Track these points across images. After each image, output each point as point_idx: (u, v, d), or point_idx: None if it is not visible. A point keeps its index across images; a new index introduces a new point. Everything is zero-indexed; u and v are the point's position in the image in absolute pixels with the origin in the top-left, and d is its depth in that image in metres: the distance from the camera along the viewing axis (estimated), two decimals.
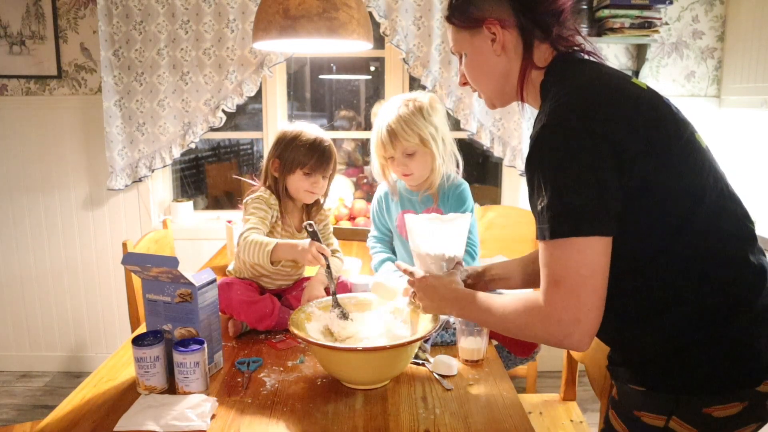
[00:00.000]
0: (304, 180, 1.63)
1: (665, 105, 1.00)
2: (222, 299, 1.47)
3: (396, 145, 1.73)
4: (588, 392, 2.67)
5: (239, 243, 1.53)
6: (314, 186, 1.65)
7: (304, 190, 1.65)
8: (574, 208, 0.90)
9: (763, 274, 0.97)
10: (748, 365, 0.94)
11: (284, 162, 1.63)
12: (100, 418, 1.14)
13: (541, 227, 0.94)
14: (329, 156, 1.65)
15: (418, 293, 1.28)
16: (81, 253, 2.97)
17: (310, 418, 1.15)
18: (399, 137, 1.72)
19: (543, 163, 0.94)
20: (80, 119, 2.83)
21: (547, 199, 0.92)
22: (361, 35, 1.67)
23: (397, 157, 1.75)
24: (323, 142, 1.64)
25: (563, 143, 0.92)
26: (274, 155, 1.65)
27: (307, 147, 1.62)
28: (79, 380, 2.93)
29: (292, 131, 1.66)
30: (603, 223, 0.91)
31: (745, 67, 2.63)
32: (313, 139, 1.63)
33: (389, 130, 1.72)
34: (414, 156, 1.75)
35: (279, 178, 1.66)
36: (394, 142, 1.73)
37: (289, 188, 1.66)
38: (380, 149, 1.78)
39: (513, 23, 1.06)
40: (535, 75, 1.08)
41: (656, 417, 0.97)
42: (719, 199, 0.97)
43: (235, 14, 2.59)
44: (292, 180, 1.64)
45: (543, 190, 0.93)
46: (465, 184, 1.86)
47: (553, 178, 0.92)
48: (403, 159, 1.75)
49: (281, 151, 1.64)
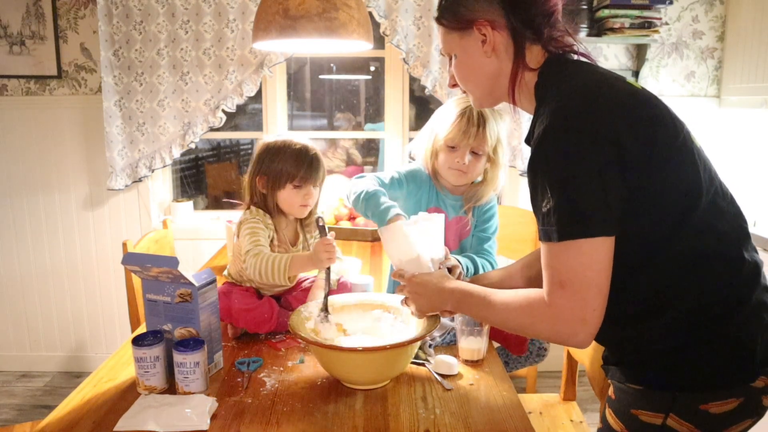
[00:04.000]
0: (295, 194, 1.55)
1: (662, 105, 1.00)
2: (222, 308, 1.45)
3: (477, 136, 1.60)
4: (588, 392, 2.67)
5: (247, 262, 1.47)
6: (306, 198, 1.57)
7: (298, 206, 1.57)
8: (582, 209, 0.90)
9: (757, 270, 0.99)
10: (744, 361, 0.95)
11: (271, 177, 1.55)
12: (100, 418, 1.14)
13: (546, 229, 0.94)
14: (318, 164, 1.57)
15: (410, 296, 1.26)
16: (81, 253, 2.97)
17: (310, 418, 1.15)
18: (486, 129, 1.60)
19: (548, 165, 0.94)
20: (80, 119, 2.83)
21: (553, 201, 0.92)
22: (361, 35, 1.67)
23: (464, 150, 1.62)
24: (310, 150, 1.56)
25: (567, 145, 0.92)
26: (259, 171, 1.56)
27: (294, 158, 1.54)
28: (79, 380, 2.93)
29: (274, 143, 1.57)
30: (608, 224, 0.91)
31: (745, 67, 2.63)
32: (298, 148, 1.55)
33: (480, 116, 1.60)
34: (479, 158, 1.64)
35: (268, 195, 1.57)
36: (478, 132, 1.60)
37: (281, 205, 1.58)
38: (454, 133, 1.61)
39: (504, 24, 1.06)
40: (528, 77, 1.07)
41: (654, 415, 0.97)
42: (714, 198, 0.98)
43: (235, 14, 2.59)
44: (282, 195, 1.56)
45: (548, 192, 0.93)
46: (495, 204, 1.77)
47: (559, 180, 0.92)
48: (468, 155, 1.63)
49: (266, 165, 1.55)
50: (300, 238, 1.66)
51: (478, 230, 1.75)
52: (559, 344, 1.00)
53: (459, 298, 1.16)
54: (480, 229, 1.75)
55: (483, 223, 1.75)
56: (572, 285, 0.92)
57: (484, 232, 1.75)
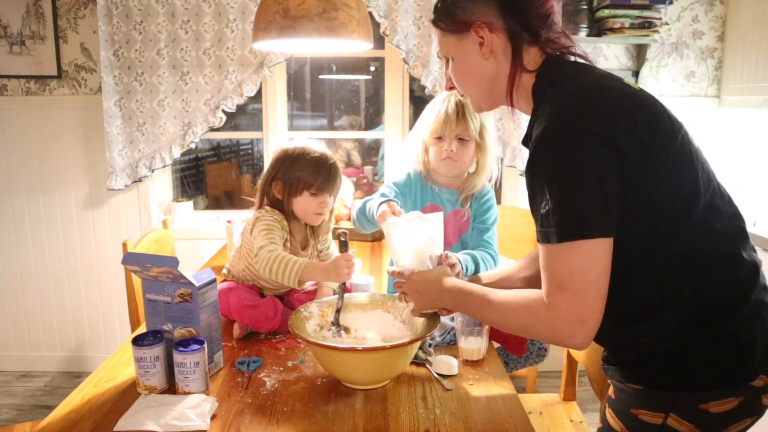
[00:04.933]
0: (311, 202, 1.55)
1: (660, 105, 1.00)
2: (223, 304, 1.45)
3: (459, 122, 1.65)
4: (588, 392, 2.67)
5: (260, 256, 1.45)
6: (322, 206, 1.57)
7: (313, 213, 1.57)
8: (581, 211, 0.90)
9: (756, 270, 0.99)
10: (744, 360, 0.95)
11: (288, 184, 1.55)
12: (100, 418, 1.14)
13: (544, 231, 0.94)
14: (336, 174, 1.58)
15: (409, 293, 1.25)
16: (81, 253, 2.97)
17: (310, 418, 1.15)
18: (467, 114, 1.65)
19: (546, 167, 0.93)
20: (80, 119, 2.83)
21: (552, 203, 0.92)
22: (361, 35, 1.67)
23: (450, 137, 1.67)
24: (329, 160, 1.57)
25: (566, 146, 0.92)
26: (275, 177, 1.57)
27: (312, 166, 1.54)
28: (79, 380, 2.93)
29: (294, 150, 1.57)
30: (608, 225, 0.91)
31: (745, 67, 2.63)
32: (317, 157, 1.56)
33: (459, 103, 1.66)
34: (465, 144, 1.68)
35: (284, 201, 1.57)
36: (459, 118, 1.65)
37: (296, 211, 1.58)
38: (437, 124, 1.67)
39: (501, 27, 1.06)
40: (526, 78, 1.07)
41: (654, 414, 0.97)
42: (712, 198, 0.98)
43: (235, 14, 2.59)
44: (298, 203, 1.56)
45: (547, 193, 0.93)
46: (492, 193, 1.80)
47: (558, 182, 0.92)
48: (454, 141, 1.67)
49: (284, 172, 1.56)
50: (311, 243, 1.67)
51: (477, 222, 1.76)
52: (557, 345, 1.00)
53: (457, 296, 1.16)
54: (479, 221, 1.76)
55: (482, 215, 1.76)
56: (571, 286, 0.92)
57: (483, 223, 1.76)
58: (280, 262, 1.43)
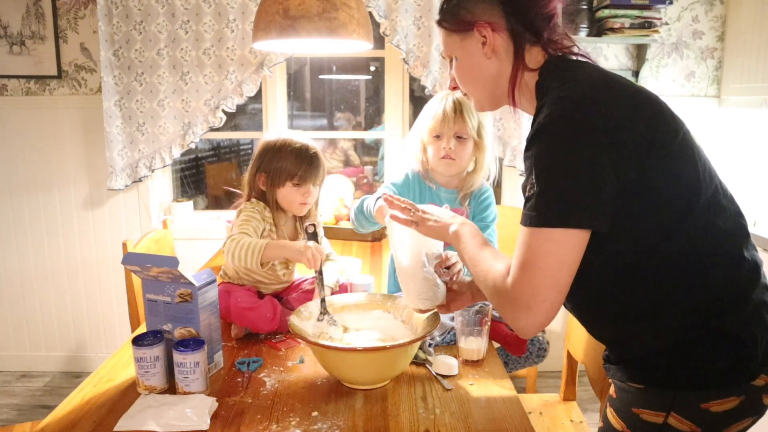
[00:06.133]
0: (294, 192, 1.57)
1: (662, 103, 1.00)
2: (222, 307, 1.45)
3: (457, 120, 1.66)
4: (588, 392, 2.67)
5: (226, 245, 1.47)
6: (305, 196, 1.59)
7: (297, 204, 1.59)
8: (565, 199, 0.91)
9: (757, 269, 0.99)
10: (744, 360, 0.95)
11: (271, 175, 1.57)
12: (100, 418, 1.14)
13: (528, 213, 0.94)
14: (318, 163, 1.58)
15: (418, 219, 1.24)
16: (81, 253, 2.97)
17: (310, 418, 1.15)
18: (464, 113, 1.66)
19: (540, 152, 0.94)
20: (80, 119, 2.83)
21: (538, 187, 0.92)
22: (361, 35, 1.67)
23: (448, 136, 1.67)
24: (310, 149, 1.58)
25: (562, 134, 0.92)
26: (259, 168, 1.59)
27: (294, 156, 1.56)
28: (79, 380, 2.93)
29: (275, 141, 1.59)
30: (592, 216, 0.91)
31: (745, 67, 2.63)
32: (299, 147, 1.57)
33: (456, 102, 1.66)
34: (464, 142, 1.69)
35: (268, 192, 1.59)
36: (457, 116, 1.66)
37: (281, 202, 1.60)
38: (435, 122, 1.68)
39: (504, 26, 1.07)
40: (528, 77, 1.08)
41: (655, 414, 0.97)
42: (715, 196, 0.98)
43: (235, 14, 2.59)
44: (282, 193, 1.58)
45: (534, 177, 0.93)
46: (490, 191, 1.80)
47: (547, 168, 0.92)
48: (452, 140, 1.68)
49: (267, 163, 1.58)
50: (300, 235, 1.67)
51: (476, 220, 1.76)
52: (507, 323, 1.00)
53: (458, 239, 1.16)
54: (478, 219, 1.76)
55: (481, 213, 1.77)
56: (530, 270, 0.92)
57: (482, 221, 1.77)
58: (242, 247, 1.44)
